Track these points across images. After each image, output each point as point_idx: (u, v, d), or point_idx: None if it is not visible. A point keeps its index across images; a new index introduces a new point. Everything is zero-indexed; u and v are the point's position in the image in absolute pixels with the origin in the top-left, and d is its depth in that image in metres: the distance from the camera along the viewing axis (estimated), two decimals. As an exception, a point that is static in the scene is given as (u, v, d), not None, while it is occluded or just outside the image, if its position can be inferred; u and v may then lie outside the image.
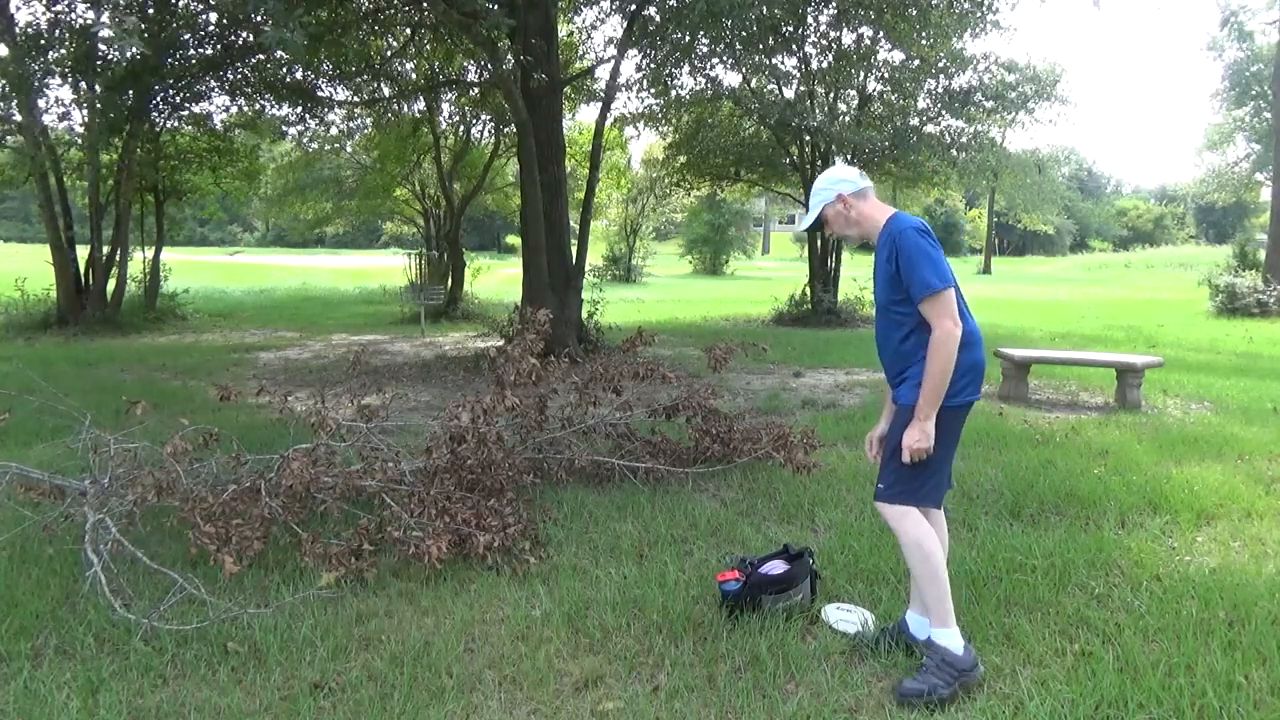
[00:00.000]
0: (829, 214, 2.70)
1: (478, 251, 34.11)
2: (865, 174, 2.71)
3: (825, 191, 2.68)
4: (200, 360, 10.00)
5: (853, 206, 2.66)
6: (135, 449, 3.86)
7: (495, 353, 4.63)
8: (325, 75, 11.85)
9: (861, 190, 2.66)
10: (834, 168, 2.75)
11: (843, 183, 2.66)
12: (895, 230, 2.55)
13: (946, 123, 14.58)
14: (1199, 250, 44.87)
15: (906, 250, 2.50)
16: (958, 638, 2.57)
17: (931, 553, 2.56)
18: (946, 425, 2.55)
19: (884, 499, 2.64)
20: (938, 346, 2.45)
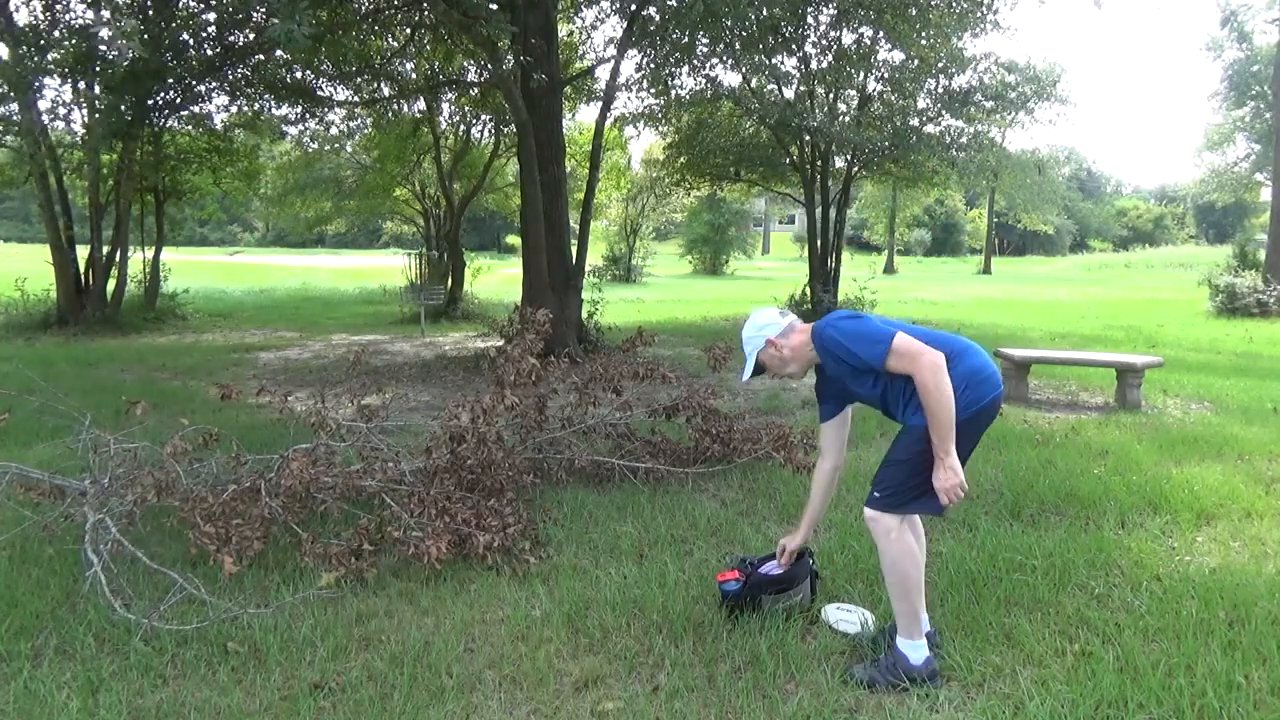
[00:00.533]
0: (764, 359, 2.74)
1: (478, 251, 34.10)
2: (784, 310, 2.78)
3: (755, 339, 2.74)
4: (200, 360, 10.00)
5: (783, 346, 2.71)
6: (135, 449, 3.86)
7: (495, 353, 4.63)
8: (325, 75, 11.85)
9: (786, 328, 2.72)
10: (753, 315, 2.79)
11: (768, 327, 2.72)
12: (818, 339, 2.63)
13: (946, 123, 14.59)
14: (1199, 250, 44.88)
15: (836, 340, 2.55)
16: (922, 649, 2.59)
17: (908, 572, 2.58)
18: (961, 437, 2.49)
19: (877, 506, 2.59)
20: (925, 382, 2.42)
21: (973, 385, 2.51)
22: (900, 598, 2.61)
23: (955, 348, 2.55)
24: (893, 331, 2.49)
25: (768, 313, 2.76)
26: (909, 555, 2.60)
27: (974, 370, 2.54)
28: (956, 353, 2.54)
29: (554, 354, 5.19)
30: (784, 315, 2.75)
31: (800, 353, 2.70)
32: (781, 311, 2.77)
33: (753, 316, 2.78)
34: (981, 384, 2.53)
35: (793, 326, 2.72)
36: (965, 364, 2.54)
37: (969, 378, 2.52)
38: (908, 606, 2.60)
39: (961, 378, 2.49)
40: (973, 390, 2.51)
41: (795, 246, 54.98)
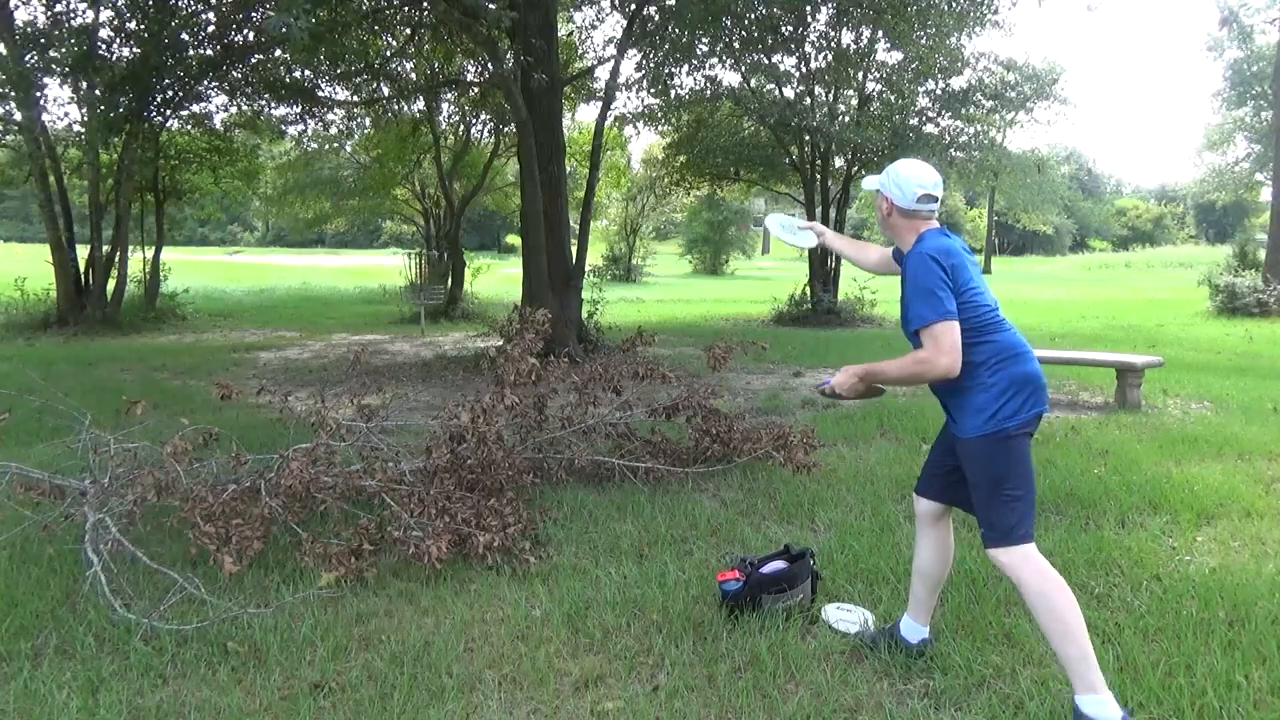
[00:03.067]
0: (878, 201, 2.59)
1: (478, 251, 34.14)
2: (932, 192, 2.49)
3: (889, 186, 2.53)
4: (200, 360, 10.00)
5: (894, 213, 2.54)
6: (135, 449, 3.86)
7: (495, 352, 4.63)
8: (325, 75, 11.85)
9: (910, 210, 2.50)
10: (913, 166, 2.53)
11: (906, 184, 2.49)
12: (910, 254, 2.47)
13: (946, 122, 14.59)
14: (1199, 250, 44.87)
15: (911, 275, 2.43)
16: (1111, 706, 2.20)
17: (1061, 606, 2.28)
18: (1015, 448, 2.36)
19: (995, 544, 2.38)
20: (915, 358, 2.35)
21: (1024, 394, 2.38)
22: (1061, 638, 2.26)
23: (1017, 348, 2.42)
24: (947, 312, 2.32)
25: (921, 177, 2.48)
26: (1055, 586, 2.31)
27: (1027, 379, 2.39)
28: (1015, 354, 2.41)
29: (554, 354, 5.19)
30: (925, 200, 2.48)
31: (898, 233, 2.56)
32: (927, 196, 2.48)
33: (914, 168, 2.51)
34: (1032, 395, 2.39)
35: (915, 214, 2.50)
36: (1021, 369, 2.40)
37: (1023, 385, 2.38)
38: (1075, 650, 2.24)
39: (1018, 381, 2.38)
40: (1026, 399, 2.38)
41: (795, 247, 54.90)
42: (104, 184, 13.85)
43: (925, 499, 2.70)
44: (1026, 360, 2.43)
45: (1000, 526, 2.36)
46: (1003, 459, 2.36)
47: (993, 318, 2.43)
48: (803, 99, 14.29)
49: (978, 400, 2.38)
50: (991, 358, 2.39)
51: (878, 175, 2.60)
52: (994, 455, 2.37)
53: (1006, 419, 2.35)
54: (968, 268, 2.43)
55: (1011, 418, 2.35)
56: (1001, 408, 2.36)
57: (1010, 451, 2.36)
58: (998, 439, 2.36)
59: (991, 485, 2.37)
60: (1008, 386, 2.37)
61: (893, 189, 2.52)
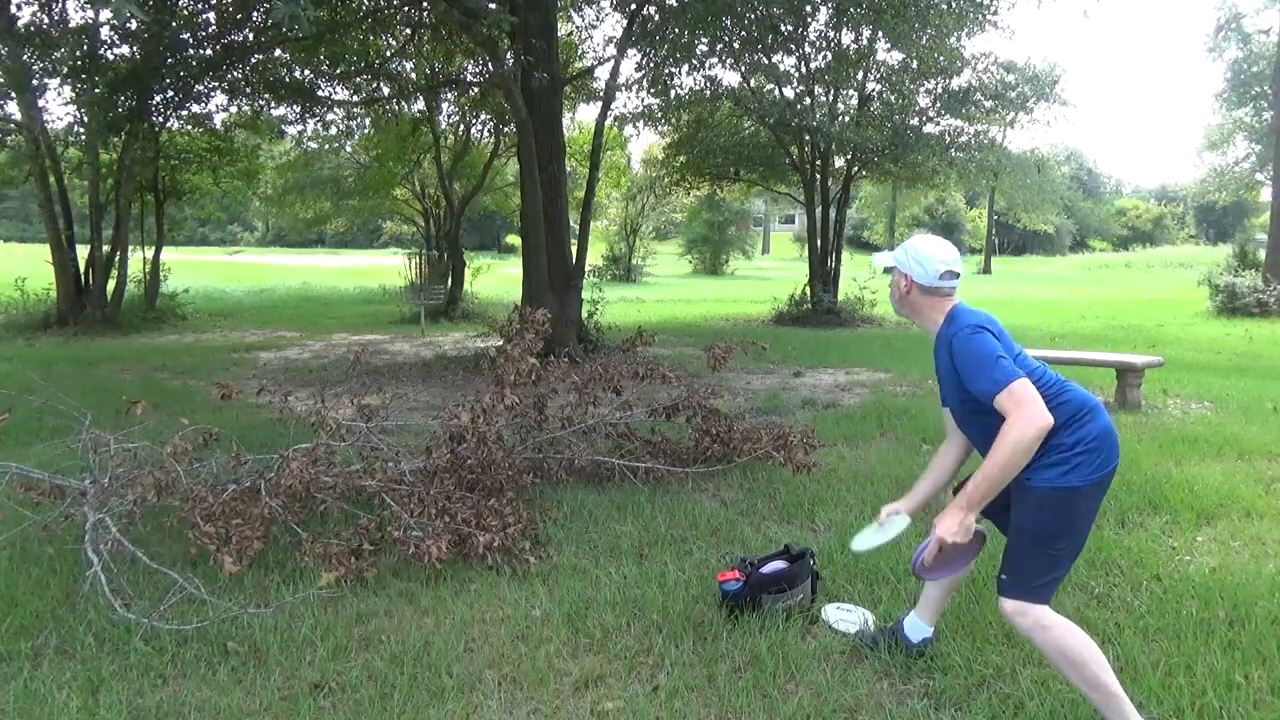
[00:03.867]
0: (893, 279, 2.49)
1: (478, 251, 34.13)
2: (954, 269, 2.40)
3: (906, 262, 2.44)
4: (200, 360, 10.00)
5: (912, 292, 2.44)
6: (135, 449, 3.86)
7: (495, 352, 4.63)
8: (325, 75, 11.85)
9: (931, 287, 2.40)
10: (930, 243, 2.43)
11: (923, 264, 2.39)
12: (949, 333, 2.34)
13: (946, 122, 14.60)
14: (1199, 250, 44.87)
15: (962, 353, 2.26)
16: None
17: (1081, 657, 2.19)
18: (1086, 506, 2.25)
19: (1003, 592, 2.28)
20: (1010, 434, 2.11)
21: (1106, 450, 2.27)
22: (1089, 686, 2.21)
23: (1087, 405, 2.30)
24: (1015, 372, 2.18)
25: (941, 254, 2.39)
26: (1071, 638, 2.22)
27: (1107, 433, 2.28)
28: (1092, 408, 2.29)
29: (554, 354, 5.18)
30: (948, 278, 2.38)
31: (918, 312, 2.45)
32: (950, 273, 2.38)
33: (933, 244, 2.42)
34: (1111, 450, 2.28)
35: (938, 291, 2.39)
36: (1098, 424, 2.27)
37: (1104, 440, 2.27)
38: (1101, 695, 2.20)
39: (1101, 435, 2.26)
40: (1105, 452, 2.27)
41: (795, 246, 54.97)
42: (104, 184, 13.86)
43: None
44: (1101, 415, 2.31)
45: (1027, 581, 2.24)
46: (1065, 516, 2.23)
47: (1054, 378, 2.32)
48: (803, 99, 14.30)
49: (1052, 458, 2.23)
50: (1069, 419, 2.26)
51: (889, 252, 2.50)
52: (1058, 510, 2.23)
53: (1083, 476, 2.22)
54: (1006, 337, 2.33)
55: (1088, 475, 2.23)
56: (1078, 466, 2.22)
57: (1075, 510, 2.24)
58: (1065, 494, 2.22)
59: (1041, 538, 2.24)
60: (1087, 444, 2.24)
61: (913, 266, 2.41)
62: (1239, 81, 25.37)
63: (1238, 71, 25.20)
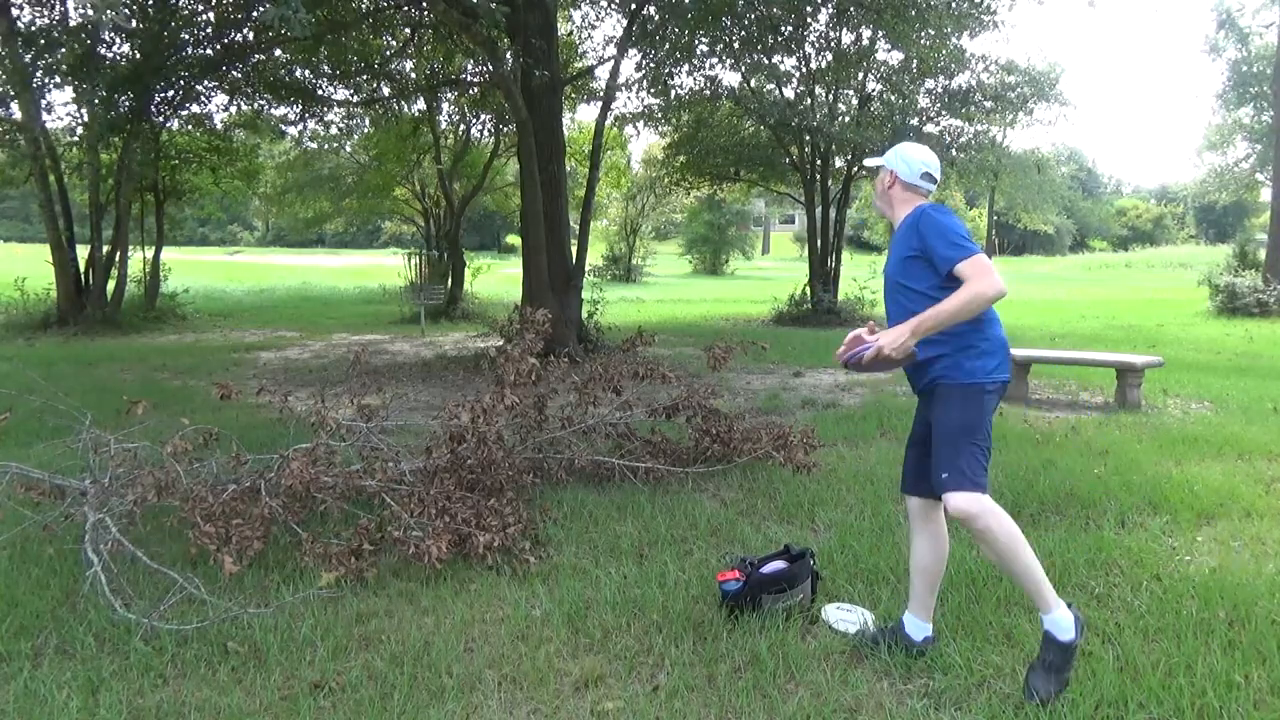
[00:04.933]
0: (879, 177, 2.77)
1: (478, 251, 34.14)
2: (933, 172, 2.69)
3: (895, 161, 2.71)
4: (200, 360, 10.00)
5: (893, 188, 2.72)
6: (135, 449, 3.86)
7: (495, 352, 4.63)
8: (325, 75, 11.86)
9: (911, 184, 2.68)
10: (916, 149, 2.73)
11: (910, 165, 2.68)
12: (920, 211, 2.59)
13: (946, 122, 14.60)
14: (1199, 250, 44.85)
15: (935, 223, 2.52)
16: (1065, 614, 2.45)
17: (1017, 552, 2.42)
18: (988, 403, 2.55)
19: (949, 487, 2.47)
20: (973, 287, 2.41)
21: (1003, 355, 2.59)
22: (1022, 576, 2.46)
23: (995, 314, 2.61)
24: (975, 246, 2.48)
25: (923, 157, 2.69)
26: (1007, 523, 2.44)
27: (1005, 343, 2.61)
28: (998, 319, 2.62)
29: (554, 354, 5.19)
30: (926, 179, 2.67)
31: (894, 205, 2.72)
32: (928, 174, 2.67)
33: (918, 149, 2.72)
34: (1006, 360, 2.60)
35: (915, 189, 2.68)
36: (1000, 332, 2.60)
37: (1003, 348, 2.59)
38: (1032, 583, 2.45)
39: (998, 342, 2.58)
40: (1002, 360, 2.58)
41: (795, 246, 54.96)
42: (104, 184, 13.86)
43: (913, 496, 2.75)
44: (1000, 325, 2.64)
45: (969, 472, 2.47)
46: (977, 410, 2.53)
47: None
48: (803, 99, 14.29)
49: (959, 353, 2.54)
50: (985, 317, 2.56)
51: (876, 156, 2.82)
52: (970, 405, 2.53)
53: (984, 374, 2.53)
54: None
55: (990, 374, 2.54)
56: (985, 363, 2.54)
57: (984, 405, 2.54)
58: (976, 390, 2.53)
59: (964, 432, 2.50)
60: (993, 345, 2.56)
61: (899, 163, 2.70)
62: (1239, 81, 25.38)
63: (1237, 71, 25.21)
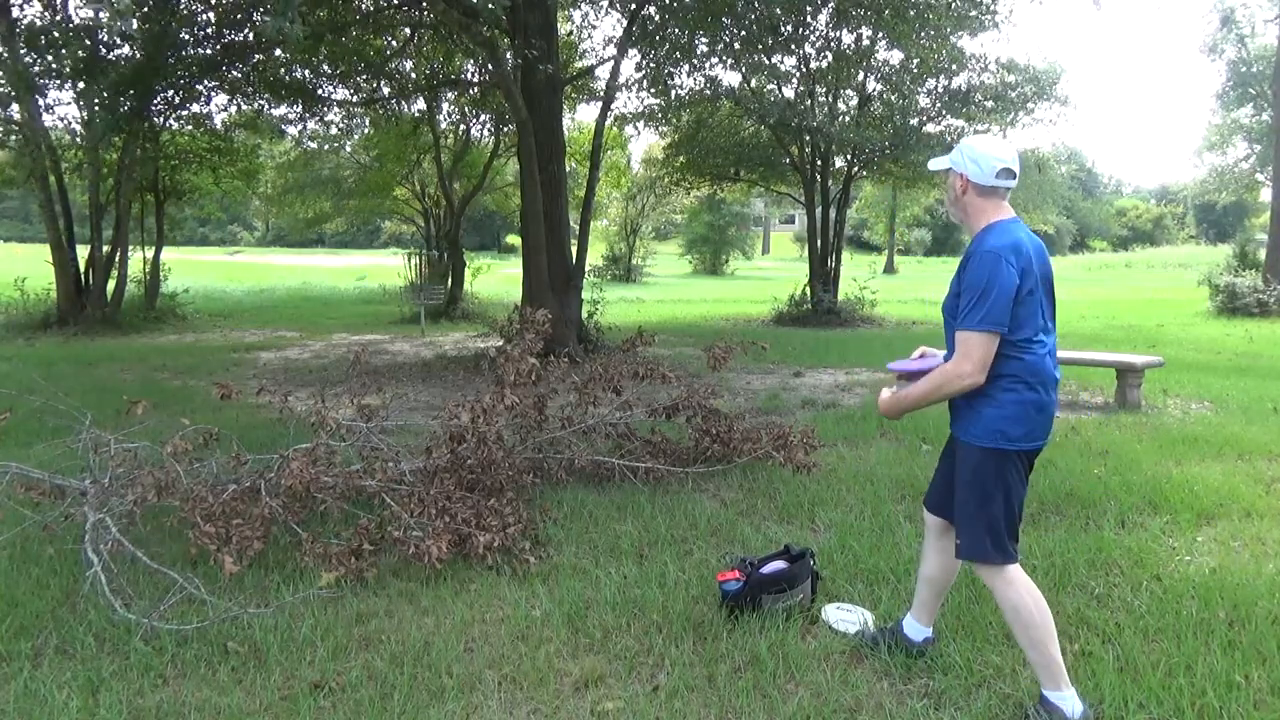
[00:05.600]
0: (950, 181, 2.46)
1: (478, 251, 34.11)
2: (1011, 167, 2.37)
3: (963, 162, 2.40)
4: (200, 360, 10.00)
5: (966, 192, 2.42)
6: (135, 449, 3.86)
7: (495, 352, 4.63)
8: (325, 75, 11.86)
9: (988, 188, 2.38)
10: (989, 141, 2.41)
11: (974, 165, 2.37)
12: (975, 249, 2.34)
13: (947, 122, 14.59)
14: (1199, 250, 44.84)
15: (973, 274, 2.30)
16: (1072, 700, 2.30)
17: (1031, 623, 2.31)
18: (1010, 471, 2.34)
19: (962, 556, 2.44)
20: (940, 375, 2.34)
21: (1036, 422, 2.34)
22: (1031, 648, 2.34)
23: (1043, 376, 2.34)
24: (993, 324, 2.24)
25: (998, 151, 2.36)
26: (1028, 596, 2.33)
27: (1041, 408, 2.34)
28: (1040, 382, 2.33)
29: (554, 354, 5.19)
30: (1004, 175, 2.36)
31: (971, 215, 2.42)
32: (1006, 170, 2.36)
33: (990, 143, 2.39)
34: (1040, 426, 2.36)
35: (994, 192, 2.38)
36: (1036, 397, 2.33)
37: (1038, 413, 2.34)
38: (1040, 656, 2.32)
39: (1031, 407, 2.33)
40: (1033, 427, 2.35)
41: (795, 246, 54.94)
42: (104, 184, 13.85)
43: (932, 513, 2.67)
44: (1045, 389, 2.35)
45: (990, 543, 2.35)
46: (993, 478, 2.34)
47: (1033, 333, 2.32)
48: (803, 99, 14.29)
49: (985, 411, 2.34)
50: (1011, 374, 2.31)
51: (945, 155, 2.50)
52: (985, 471, 2.35)
53: (1009, 441, 2.32)
54: (1034, 270, 2.33)
55: (1011, 442, 2.33)
56: (1005, 428, 2.32)
57: (1005, 474, 2.34)
58: (993, 455, 2.34)
59: (980, 501, 2.36)
60: (1019, 409, 2.32)
61: (968, 165, 2.38)
62: (1239, 81, 25.39)
63: (1237, 71, 25.22)
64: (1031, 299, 2.31)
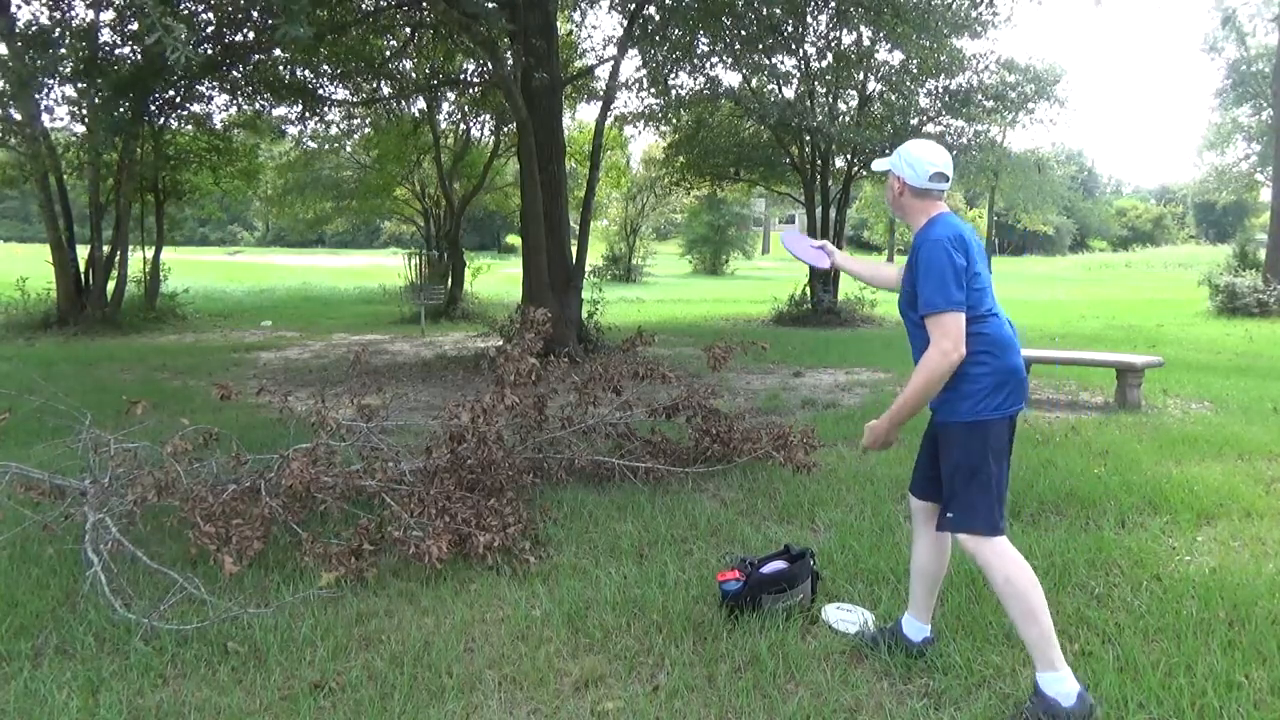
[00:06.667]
0: (889, 182, 2.59)
1: (478, 251, 34.12)
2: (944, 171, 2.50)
3: (900, 165, 2.54)
4: (200, 360, 10.00)
5: (903, 194, 2.55)
6: (135, 449, 3.86)
7: (495, 352, 4.63)
8: (325, 75, 11.86)
9: (922, 190, 2.51)
10: (926, 147, 2.54)
11: (916, 166, 2.50)
12: (920, 239, 2.46)
13: (947, 122, 14.60)
14: (1199, 250, 44.84)
15: (924, 262, 2.40)
16: (1069, 682, 2.30)
17: (1025, 590, 2.34)
18: (994, 438, 2.42)
19: (953, 528, 2.46)
20: (926, 365, 2.37)
21: (1010, 388, 2.43)
22: (1024, 618, 2.35)
23: (1006, 342, 2.46)
24: (956, 302, 2.35)
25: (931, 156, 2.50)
26: (1018, 567, 2.36)
27: (1013, 372, 2.44)
28: (1006, 347, 2.46)
29: (554, 354, 5.18)
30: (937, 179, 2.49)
31: (908, 214, 2.56)
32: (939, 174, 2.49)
33: (925, 148, 2.53)
34: (1016, 390, 2.45)
35: (928, 194, 2.51)
36: (1007, 362, 2.44)
37: (1009, 378, 2.43)
38: (1037, 629, 2.33)
39: (1003, 374, 2.42)
40: (1010, 392, 2.44)
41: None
42: (104, 184, 13.85)
43: (919, 499, 2.71)
44: (1013, 353, 2.48)
45: (979, 512, 2.40)
46: (980, 446, 2.42)
47: (988, 308, 2.47)
48: (803, 99, 14.29)
49: (963, 388, 2.42)
50: (980, 349, 2.42)
51: (887, 157, 2.62)
52: (973, 442, 2.43)
53: (990, 410, 2.42)
54: (974, 255, 2.47)
55: (993, 410, 2.42)
56: (985, 399, 2.41)
57: (988, 440, 2.42)
58: (979, 426, 2.42)
59: (968, 473, 2.42)
60: (994, 379, 2.42)
61: (905, 168, 2.53)
62: (1239, 81, 25.39)
63: (1236, 71, 25.23)
64: (980, 279, 2.46)
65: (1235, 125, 27.99)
